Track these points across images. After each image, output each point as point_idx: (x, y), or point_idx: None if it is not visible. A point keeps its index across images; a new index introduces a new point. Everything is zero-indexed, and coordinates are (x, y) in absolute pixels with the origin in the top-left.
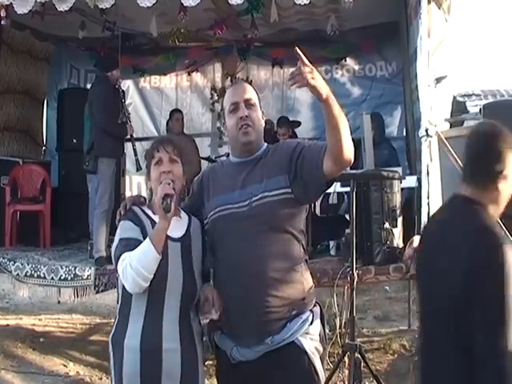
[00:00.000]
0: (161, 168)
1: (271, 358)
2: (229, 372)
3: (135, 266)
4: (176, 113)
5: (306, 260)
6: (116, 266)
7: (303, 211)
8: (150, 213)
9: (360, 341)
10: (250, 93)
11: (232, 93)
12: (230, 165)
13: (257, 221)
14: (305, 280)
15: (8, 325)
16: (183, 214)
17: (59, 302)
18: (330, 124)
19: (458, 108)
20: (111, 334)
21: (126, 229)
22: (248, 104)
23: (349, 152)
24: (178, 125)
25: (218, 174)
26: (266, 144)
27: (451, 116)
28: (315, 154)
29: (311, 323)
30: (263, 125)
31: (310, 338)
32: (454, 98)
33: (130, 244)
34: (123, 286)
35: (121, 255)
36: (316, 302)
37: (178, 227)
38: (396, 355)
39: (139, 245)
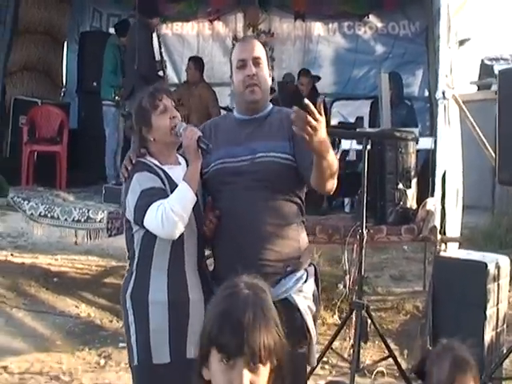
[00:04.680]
0: (169, 114)
1: None
2: None
3: (177, 210)
4: (189, 61)
5: (303, 221)
6: (140, 219)
7: (303, 182)
8: (156, 162)
9: (374, 299)
10: (259, 50)
11: (240, 49)
12: (234, 120)
13: (257, 177)
14: (301, 239)
15: (24, 263)
16: (181, 159)
17: (76, 243)
18: (318, 171)
19: (486, 71)
20: (129, 291)
21: (145, 180)
22: (256, 62)
23: (330, 190)
24: (191, 73)
25: (221, 127)
26: (271, 104)
27: (479, 79)
28: (306, 162)
29: (305, 281)
30: (270, 83)
31: (304, 296)
32: (482, 61)
33: (158, 193)
34: (142, 240)
35: (150, 205)
36: (311, 263)
37: (181, 174)
38: (408, 316)
39: (166, 194)
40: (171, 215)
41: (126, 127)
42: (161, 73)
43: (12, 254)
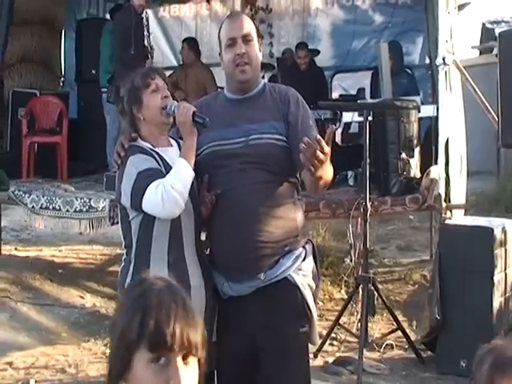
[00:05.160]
0: (160, 94)
1: (263, 294)
2: (219, 307)
3: (178, 187)
4: (183, 43)
5: (299, 199)
6: (138, 201)
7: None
8: (149, 145)
9: (381, 271)
10: (248, 27)
11: (229, 26)
12: (225, 100)
13: (251, 160)
14: (298, 217)
15: (28, 256)
16: (173, 142)
17: (81, 233)
18: (311, 180)
19: (487, 35)
20: (128, 281)
21: (140, 162)
22: (245, 40)
23: (320, 193)
24: (185, 54)
25: (213, 107)
26: (263, 81)
27: (480, 43)
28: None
29: (304, 259)
30: (261, 59)
31: (303, 274)
32: (483, 24)
33: (155, 173)
34: (140, 228)
35: (148, 186)
36: (309, 240)
37: (175, 156)
38: (416, 286)
39: (163, 174)
40: (172, 192)
41: (117, 111)
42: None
43: (16, 248)
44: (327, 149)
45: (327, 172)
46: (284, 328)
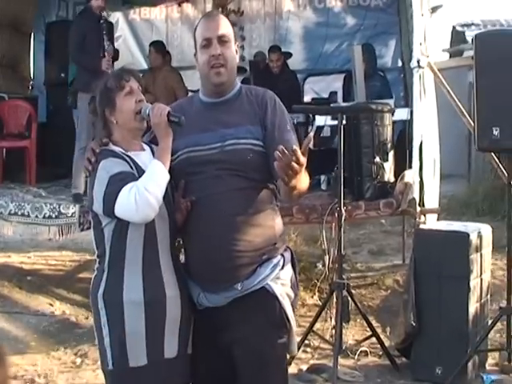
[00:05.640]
0: (135, 97)
1: (240, 304)
2: (195, 318)
3: (152, 189)
4: (150, 46)
5: (277, 205)
6: (111, 206)
7: None
8: (121, 149)
9: (353, 276)
10: (225, 27)
11: (205, 26)
12: (200, 103)
13: (227, 166)
14: (276, 224)
15: None
16: (145, 146)
17: (50, 239)
18: (285, 189)
19: (458, 38)
20: (101, 291)
21: (112, 165)
22: (221, 41)
23: (295, 202)
24: (153, 58)
25: (187, 112)
26: (239, 84)
27: (450, 46)
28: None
29: (282, 268)
30: (237, 61)
31: (281, 283)
32: (454, 27)
33: (128, 176)
34: (113, 235)
35: (120, 190)
36: (287, 247)
37: (148, 160)
38: (389, 291)
39: (135, 178)
40: (146, 195)
41: (89, 110)
42: (104, 64)
43: None
44: (303, 159)
45: (302, 182)
46: (262, 339)
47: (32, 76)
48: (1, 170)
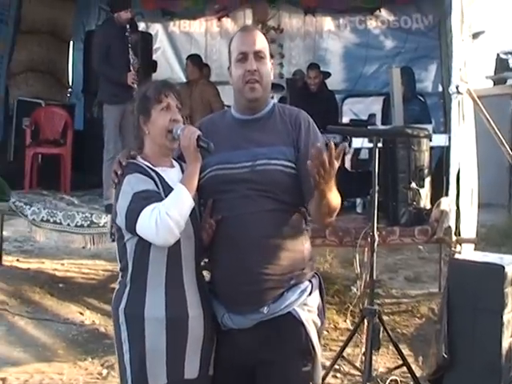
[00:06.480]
0: (170, 115)
1: (266, 328)
2: (218, 339)
3: (174, 215)
4: (187, 60)
5: (306, 230)
6: (133, 224)
7: None
8: (149, 164)
9: (388, 302)
10: (261, 43)
11: (241, 40)
12: (232, 119)
13: (257, 186)
14: (305, 249)
15: (29, 269)
16: (175, 163)
17: (84, 247)
18: (316, 204)
19: (502, 66)
20: (122, 305)
21: (137, 182)
22: (258, 56)
23: (326, 225)
24: (190, 71)
25: (219, 127)
26: (272, 102)
27: (494, 74)
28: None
29: (309, 294)
30: (272, 78)
31: (308, 309)
32: (498, 55)
33: (152, 196)
34: (136, 250)
35: (143, 209)
36: (315, 273)
37: (176, 177)
38: (424, 319)
39: (160, 197)
40: (167, 220)
41: (129, 110)
42: (130, 79)
43: (18, 260)
44: (335, 162)
45: (333, 198)
46: (286, 365)
47: (70, 83)
48: (36, 176)
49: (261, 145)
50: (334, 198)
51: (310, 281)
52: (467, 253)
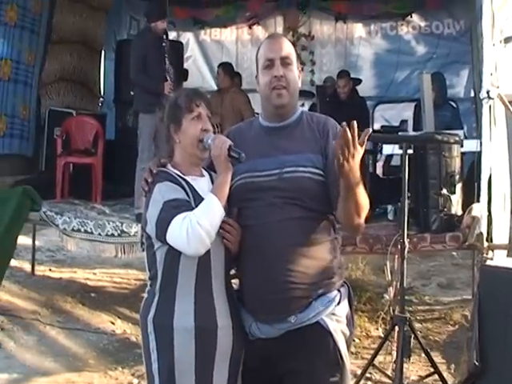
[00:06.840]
0: (201, 125)
1: (294, 337)
2: (246, 348)
3: (205, 225)
4: (218, 68)
5: (335, 238)
6: (163, 233)
7: None
8: (179, 173)
9: (420, 309)
10: (288, 49)
11: (268, 47)
12: (260, 127)
13: (285, 194)
14: (334, 258)
15: (61, 278)
16: (205, 172)
17: (116, 256)
18: (343, 203)
19: None
20: (151, 315)
21: (168, 190)
22: (284, 62)
23: (355, 230)
24: (221, 79)
25: (246, 136)
26: (300, 109)
27: None
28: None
29: (338, 304)
30: (299, 85)
31: (337, 319)
32: None
33: (183, 205)
34: (166, 259)
35: (173, 218)
36: (344, 282)
37: (206, 187)
38: (457, 326)
39: (190, 206)
40: (198, 229)
41: (158, 119)
42: (167, 88)
43: (50, 269)
44: (359, 146)
45: (360, 191)
46: (313, 375)
47: (102, 93)
48: (67, 186)
49: (288, 152)
50: (361, 194)
51: (339, 290)
52: (499, 259)
